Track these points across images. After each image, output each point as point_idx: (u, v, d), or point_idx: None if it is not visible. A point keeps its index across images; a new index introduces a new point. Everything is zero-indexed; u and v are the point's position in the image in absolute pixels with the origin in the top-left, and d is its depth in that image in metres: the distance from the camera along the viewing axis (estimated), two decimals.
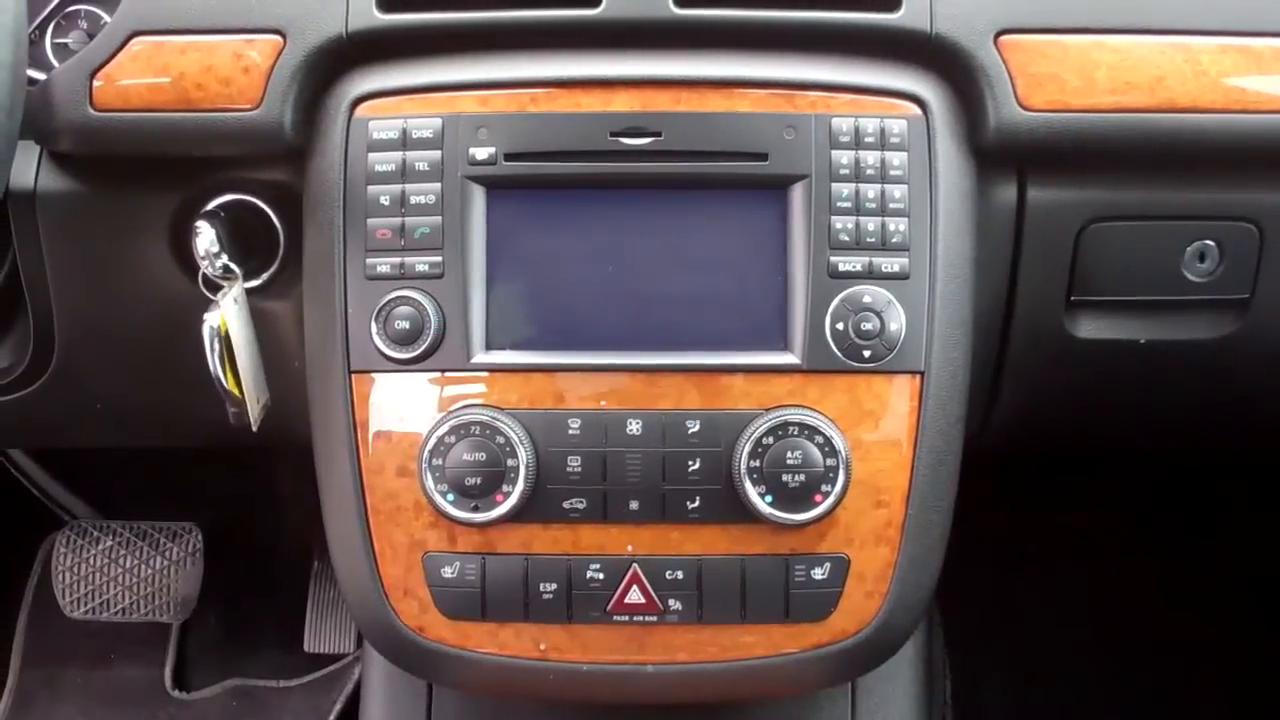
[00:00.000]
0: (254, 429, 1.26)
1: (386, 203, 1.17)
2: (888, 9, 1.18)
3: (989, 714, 2.11)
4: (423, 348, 1.16)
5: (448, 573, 1.18)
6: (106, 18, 1.31)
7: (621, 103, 1.17)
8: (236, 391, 1.23)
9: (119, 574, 2.16)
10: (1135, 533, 2.23)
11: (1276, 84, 1.19)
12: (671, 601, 1.18)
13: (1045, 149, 1.19)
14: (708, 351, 1.17)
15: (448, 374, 1.17)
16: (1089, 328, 1.30)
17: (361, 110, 1.19)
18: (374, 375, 1.18)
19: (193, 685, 2.18)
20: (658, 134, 1.16)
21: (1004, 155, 1.21)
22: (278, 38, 1.18)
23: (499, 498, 1.14)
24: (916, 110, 1.18)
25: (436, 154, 1.17)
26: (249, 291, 1.25)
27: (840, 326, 1.16)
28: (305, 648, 2.16)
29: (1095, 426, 1.49)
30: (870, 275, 1.16)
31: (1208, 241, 1.26)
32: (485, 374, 1.17)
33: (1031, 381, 1.33)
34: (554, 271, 1.18)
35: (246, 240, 1.25)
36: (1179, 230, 1.26)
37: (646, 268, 1.18)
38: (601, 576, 1.18)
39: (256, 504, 2.26)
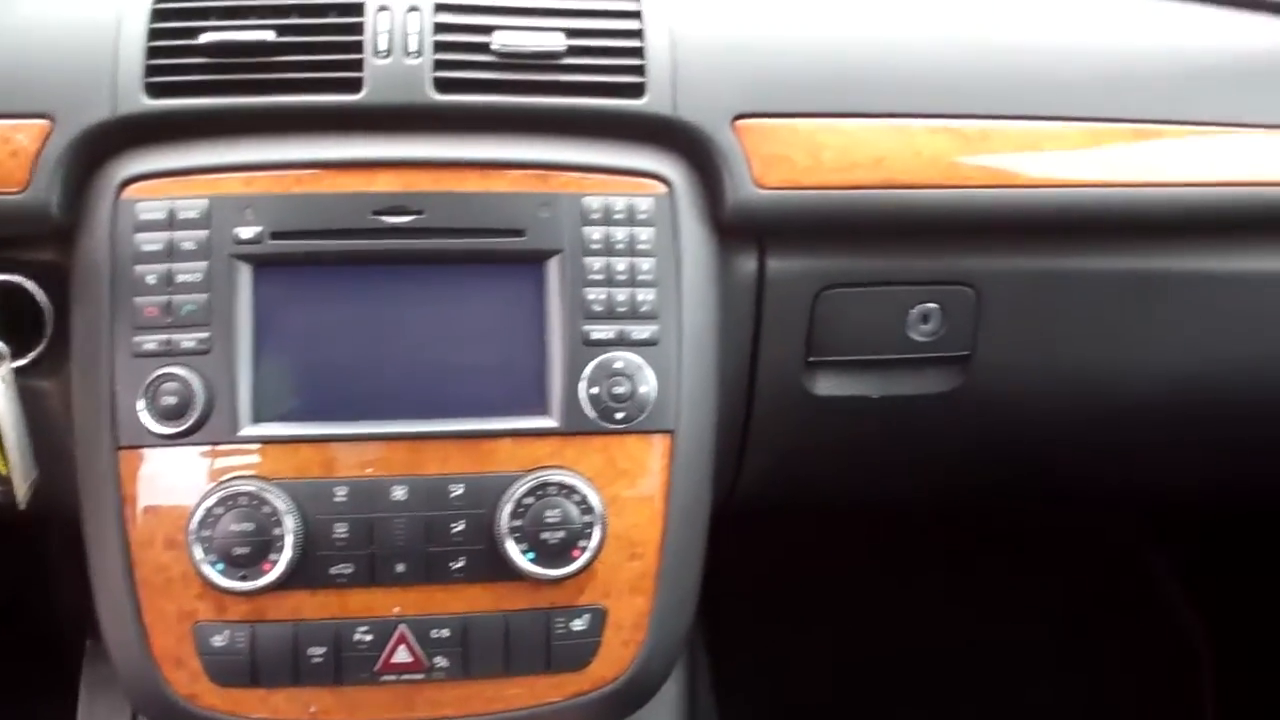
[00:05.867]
0: (21, 506, 1.26)
1: (153, 281, 1.19)
2: (634, 96, 1.26)
3: None
4: (190, 422, 1.18)
5: (218, 641, 1.19)
6: None
7: (384, 183, 1.22)
8: (3, 469, 1.23)
9: None
10: (896, 578, 2.34)
11: (982, 161, 1.31)
12: (438, 659, 1.21)
13: (780, 223, 1.29)
14: (472, 418, 1.22)
15: (216, 447, 1.19)
16: (826, 385, 1.39)
17: (129, 192, 1.20)
18: (142, 451, 1.19)
19: None
20: (419, 212, 1.21)
21: (743, 229, 1.30)
22: (45, 122, 1.19)
23: (266, 566, 1.16)
24: (663, 188, 1.26)
25: (203, 233, 1.19)
26: (16, 370, 1.25)
27: (595, 391, 1.22)
28: None
29: (844, 480, 1.57)
30: (622, 342, 1.23)
31: (930, 305, 1.37)
32: (254, 446, 1.19)
33: (778, 437, 1.41)
34: (321, 344, 1.21)
35: (13, 318, 1.25)
36: (904, 294, 1.36)
37: (412, 339, 1.22)
38: (370, 638, 1.20)
39: (31, 582, 2.19)
